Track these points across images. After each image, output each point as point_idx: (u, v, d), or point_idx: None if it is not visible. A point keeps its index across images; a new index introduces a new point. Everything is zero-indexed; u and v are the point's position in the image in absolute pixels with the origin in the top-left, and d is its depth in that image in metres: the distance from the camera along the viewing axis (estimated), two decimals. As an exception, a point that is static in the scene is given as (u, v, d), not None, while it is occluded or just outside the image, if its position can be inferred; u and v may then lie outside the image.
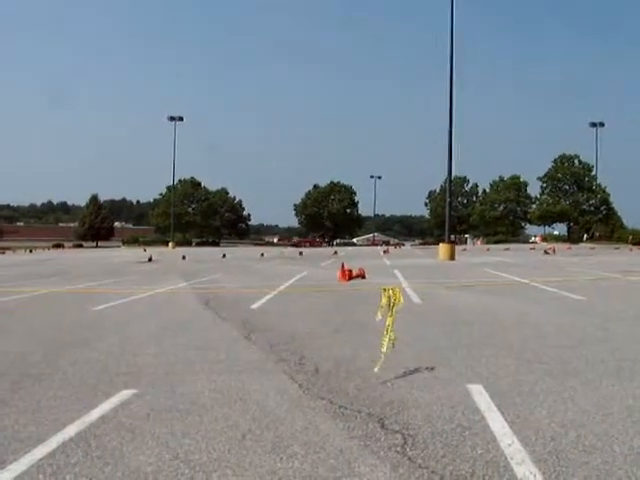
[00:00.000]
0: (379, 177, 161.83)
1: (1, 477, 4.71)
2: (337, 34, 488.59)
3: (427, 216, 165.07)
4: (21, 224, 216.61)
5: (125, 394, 7.12)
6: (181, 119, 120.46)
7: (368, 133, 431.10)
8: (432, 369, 8.18)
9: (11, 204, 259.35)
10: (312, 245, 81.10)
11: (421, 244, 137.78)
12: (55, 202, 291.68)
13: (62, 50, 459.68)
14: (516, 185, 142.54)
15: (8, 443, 5.47)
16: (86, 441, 5.49)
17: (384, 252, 73.85)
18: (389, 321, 7.96)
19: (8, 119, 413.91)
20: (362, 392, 7.05)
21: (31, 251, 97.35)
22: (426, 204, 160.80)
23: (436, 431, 5.65)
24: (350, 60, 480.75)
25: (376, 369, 7.81)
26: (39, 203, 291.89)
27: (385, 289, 8.21)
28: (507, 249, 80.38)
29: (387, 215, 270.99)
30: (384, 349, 7.87)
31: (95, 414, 6.31)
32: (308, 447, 5.28)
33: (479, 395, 6.85)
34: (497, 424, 5.80)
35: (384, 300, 8.08)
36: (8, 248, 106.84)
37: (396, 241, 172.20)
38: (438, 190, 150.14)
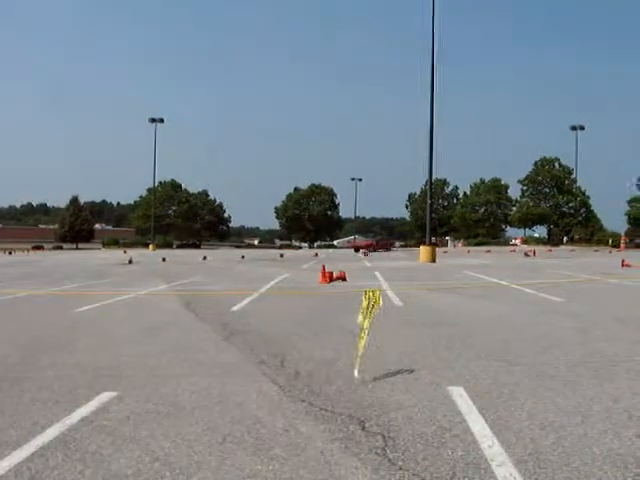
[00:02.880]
0: (360, 179, 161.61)
1: (-21, 481, 4.68)
2: (322, 34, 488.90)
3: (408, 218, 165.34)
4: (0, 225, 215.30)
5: (105, 396, 7.09)
6: (162, 121, 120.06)
7: (349, 135, 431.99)
8: (413, 371, 8.19)
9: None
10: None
11: (402, 246, 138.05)
12: (35, 204, 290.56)
13: (52, 49, 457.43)
14: (497, 188, 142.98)
15: (-14, 447, 5.44)
16: (66, 444, 5.46)
17: (364, 254, 73.97)
18: (366, 324, 7.97)
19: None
20: (343, 394, 7.06)
21: (10, 253, 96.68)
22: (407, 206, 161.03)
23: (417, 433, 5.67)
24: (333, 61, 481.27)
25: (355, 373, 7.82)
26: (18, 204, 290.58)
27: (366, 291, 8.22)
28: (488, 251, 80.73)
29: (368, 217, 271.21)
30: (360, 352, 7.88)
31: (75, 417, 6.28)
32: (289, 449, 5.28)
33: (460, 397, 6.87)
34: (478, 426, 5.82)
35: (365, 302, 8.09)
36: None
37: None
38: (418, 192, 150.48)
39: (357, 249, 72.44)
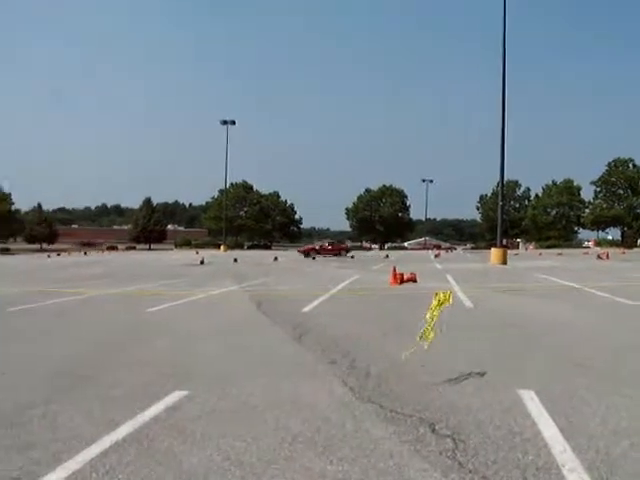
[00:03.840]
0: (430, 181, 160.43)
1: (55, 475, 4.78)
2: (384, 36, 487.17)
3: (479, 220, 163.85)
4: (76, 226, 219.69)
5: (177, 395, 7.18)
6: (233, 123, 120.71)
7: (420, 136, 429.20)
8: (483, 374, 8.10)
9: (66, 207, 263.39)
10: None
11: (472, 248, 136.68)
12: (109, 205, 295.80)
13: (118, 51, 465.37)
14: (569, 189, 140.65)
15: (63, 441, 5.56)
16: (139, 441, 5.55)
17: (435, 256, 73.54)
18: (436, 313, 7.95)
19: (65, 124, 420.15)
20: (413, 396, 7.01)
21: (85, 253, 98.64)
22: (478, 208, 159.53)
23: (487, 436, 5.60)
24: (400, 63, 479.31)
25: (404, 355, 7.80)
26: (93, 206, 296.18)
27: (437, 293, 8.18)
28: (560, 254, 79.46)
29: (438, 219, 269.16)
30: (419, 338, 7.86)
31: (148, 415, 6.38)
32: (358, 450, 5.26)
33: (530, 400, 6.76)
34: (549, 430, 5.72)
35: (435, 303, 8.06)
36: (63, 250, 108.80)
37: (447, 245, 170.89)
38: (490, 194, 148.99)
39: (307, 253, 69.44)
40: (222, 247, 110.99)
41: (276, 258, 63.39)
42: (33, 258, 78.53)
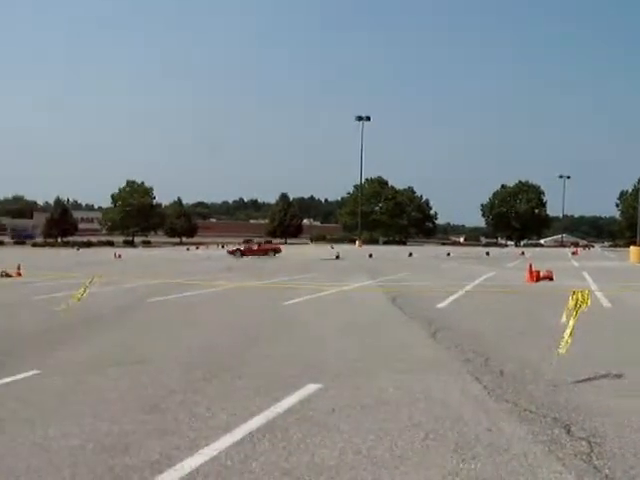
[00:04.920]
0: (568, 177, 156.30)
1: (193, 460, 4.93)
2: (529, 32, 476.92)
3: (618, 217, 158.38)
4: (213, 221, 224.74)
5: (311, 388, 7.26)
6: (368, 119, 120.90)
7: (557, 132, 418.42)
8: (621, 375, 7.83)
9: (205, 201, 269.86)
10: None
11: (611, 246, 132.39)
12: (246, 199, 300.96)
13: (277, 51, 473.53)
14: None
15: (201, 429, 5.73)
16: (272, 432, 5.65)
17: (572, 254, 71.61)
18: (572, 322, 7.76)
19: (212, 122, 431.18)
20: (548, 396, 6.86)
21: (223, 246, 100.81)
22: (617, 205, 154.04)
23: (626, 441, 5.38)
24: (539, 57, 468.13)
25: (551, 370, 7.64)
26: (231, 200, 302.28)
27: (574, 291, 8.00)
28: None
29: (576, 216, 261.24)
30: (562, 350, 7.68)
31: (282, 406, 6.48)
32: (491, 449, 5.18)
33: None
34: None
35: (571, 303, 7.88)
36: (201, 243, 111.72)
37: (585, 242, 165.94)
38: (630, 190, 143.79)
39: (233, 253, 64.38)
40: (357, 242, 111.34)
41: (411, 254, 63.18)
42: (173, 251, 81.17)
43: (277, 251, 63.24)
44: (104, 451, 5.15)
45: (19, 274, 29.09)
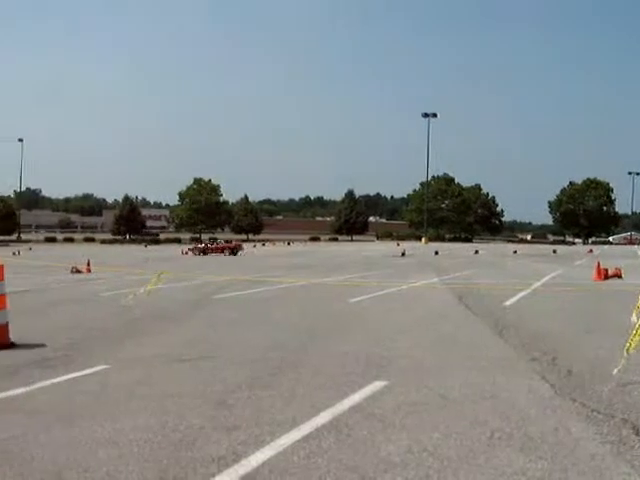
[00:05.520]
0: (637, 173, 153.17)
1: (259, 456, 4.98)
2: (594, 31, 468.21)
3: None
4: (280, 218, 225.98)
5: (376, 385, 7.25)
6: (435, 115, 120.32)
7: (627, 127, 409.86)
8: (696, 376, 7.71)
9: (272, 199, 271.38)
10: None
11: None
12: (312, 197, 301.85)
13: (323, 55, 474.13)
14: None
15: (266, 425, 5.77)
16: (338, 428, 5.65)
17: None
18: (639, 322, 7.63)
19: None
20: (616, 396, 6.73)
21: (289, 244, 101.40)
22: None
23: (699, 444, 5.31)
24: (606, 54, 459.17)
25: (615, 370, 7.51)
26: (297, 198, 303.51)
27: (645, 290, 7.87)
28: None
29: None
30: (630, 350, 7.55)
31: (347, 403, 6.49)
32: (558, 449, 5.10)
33: None
34: None
35: (641, 302, 7.76)
36: (268, 240, 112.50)
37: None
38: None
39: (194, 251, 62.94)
40: (423, 239, 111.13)
41: (477, 251, 62.79)
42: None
43: (235, 248, 62.30)
44: (171, 445, 5.23)
45: (89, 270, 29.76)
